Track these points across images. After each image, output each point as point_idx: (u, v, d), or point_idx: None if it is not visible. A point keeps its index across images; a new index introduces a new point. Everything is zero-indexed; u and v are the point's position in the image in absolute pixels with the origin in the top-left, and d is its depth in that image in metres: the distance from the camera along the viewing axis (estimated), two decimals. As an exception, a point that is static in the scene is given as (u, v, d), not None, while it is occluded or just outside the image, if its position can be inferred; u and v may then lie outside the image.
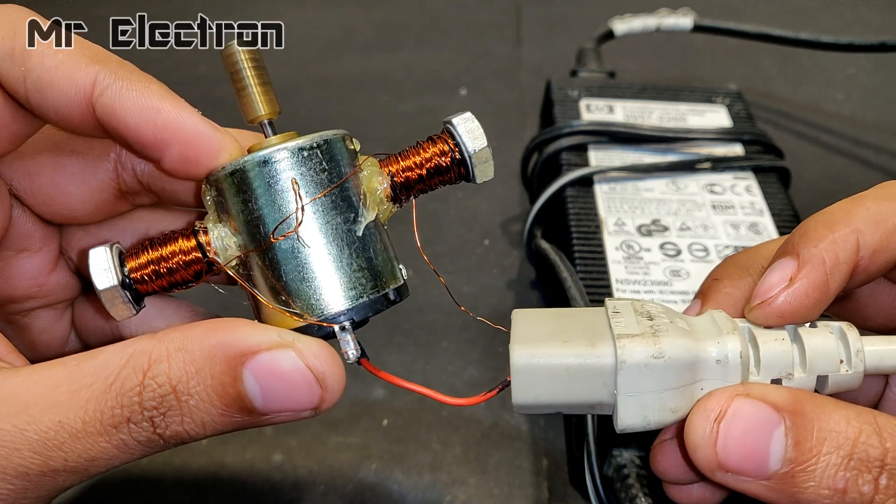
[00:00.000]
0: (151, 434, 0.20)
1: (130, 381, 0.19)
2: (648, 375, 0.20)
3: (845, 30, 0.72)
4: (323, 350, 0.20)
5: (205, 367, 0.20)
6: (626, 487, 0.30)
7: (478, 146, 0.24)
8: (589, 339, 0.21)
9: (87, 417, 0.19)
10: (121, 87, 0.21)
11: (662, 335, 0.21)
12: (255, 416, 0.20)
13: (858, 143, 0.58)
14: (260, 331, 0.20)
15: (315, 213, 0.21)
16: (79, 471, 0.20)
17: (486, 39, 0.71)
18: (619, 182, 0.41)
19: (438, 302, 0.44)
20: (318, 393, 0.20)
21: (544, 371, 0.21)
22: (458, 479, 0.35)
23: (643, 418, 0.21)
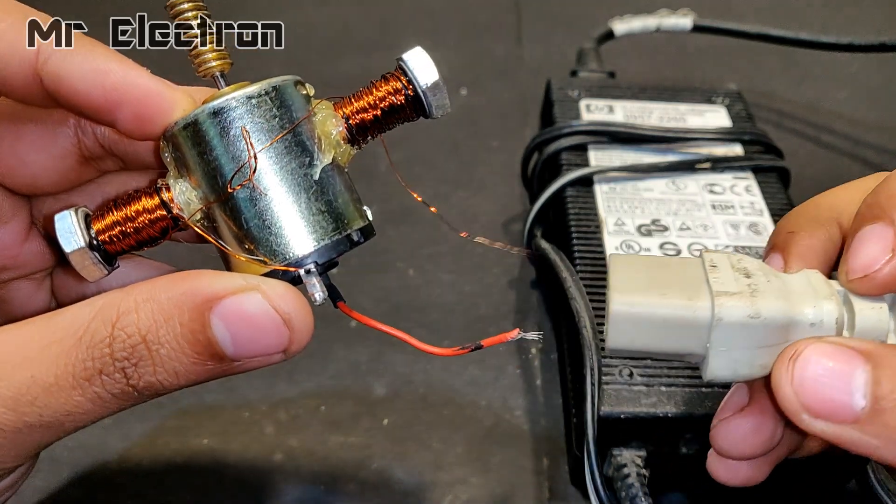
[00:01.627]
0: (125, 386, 0.20)
1: (100, 333, 0.20)
2: (743, 333, 0.21)
3: (845, 30, 0.72)
4: (288, 291, 0.21)
5: (173, 315, 0.20)
6: (626, 487, 0.30)
7: (430, 80, 0.24)
8: (687, 294, 0.22)
9: (59, 371, 0.19)
10: (65, 53, 0.21)
11: (760, 295, 0.21)
12: (226, 362, 0.21)
13: (859, 143, 0.58)
14: (225, 277, 0.20)
15: (269, 160, 0.22)
16: (54, 426, 0.20)
17: (486, 39, 0.71)
18: (619, 182, 0.41)
19: (439, 301, 0.44)
20: (287, 334, 0.21)
21: (640, 320, 0.22)
22: (460, 478, 0.35)
23: (732, 371, 0.22)
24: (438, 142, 0.57)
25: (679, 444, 0.31)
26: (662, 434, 0.31)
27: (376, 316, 0.44)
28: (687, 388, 0.31)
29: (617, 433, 0.31)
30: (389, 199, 0.52)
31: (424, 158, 0.56)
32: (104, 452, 0.35)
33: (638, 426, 0.30)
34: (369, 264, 0.45)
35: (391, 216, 0.50)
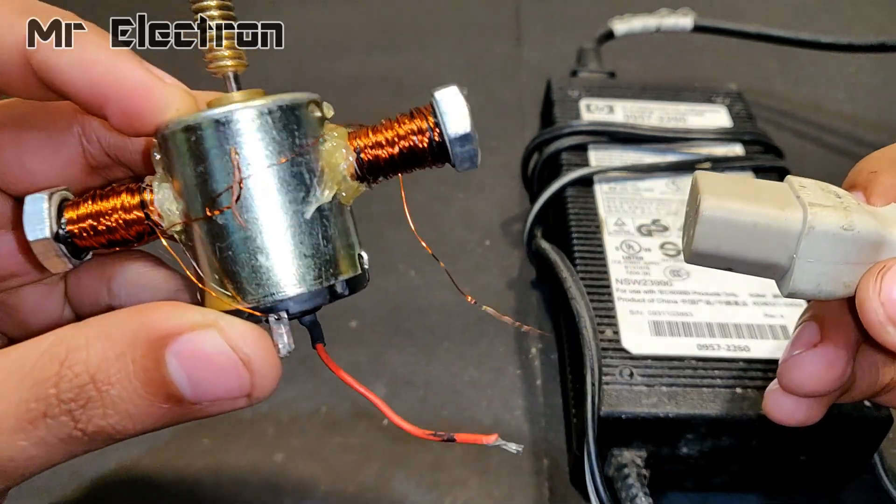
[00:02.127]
0: (73, 430, 0.18)
1: (46, 372, 0.18)
2: (833, 245, 0.21)
3: (845, 30, 0.72)
4: (249, 331, 0.19)
5: (126, 352, 0.18)
6: (626, 487, 0.30)
7: (460, 128, 0.20)
8: (778, 203, 0.21)
9: (1, 413, 0.18)
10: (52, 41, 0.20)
11: (853, 211, 0.21)
12: (185, 405, 0.19)
13: (859, 143, 0.58)
14: (183, 311, 0.19)
15: (257, 189, 0.19)
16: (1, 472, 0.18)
17: (486, 39, 0.71)
18: (619, 182, 0.41)
19: (439, 303, 0.44)
20: (247, 377, 0.19)
21: (731, 224, 0.21)
22: (459, 479, 0.35)
23: (816, 286, 0.21)
24: (438, 142, 0.57)
25: (679, 444, 0.31)
26: (663, 434, 0.31)
27: (377, 316, 0.44)
28: (687, 389, 0.31)
29: (617, 433, 0.31)
30: (389, 200, 0.51)
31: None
32: (103, 453, 0.35)
33: (638, 426, 0.30)
34: (370, 265, 0.45)
35: (391, 217, 0.50)
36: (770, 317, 0.34)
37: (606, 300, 0.34)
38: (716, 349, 0.32)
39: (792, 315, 0.34)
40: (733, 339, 0.33)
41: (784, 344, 0.32)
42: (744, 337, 0.33)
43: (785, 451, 0.31)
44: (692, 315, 0.34)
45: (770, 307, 0.34)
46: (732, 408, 0.30)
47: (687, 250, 0.23)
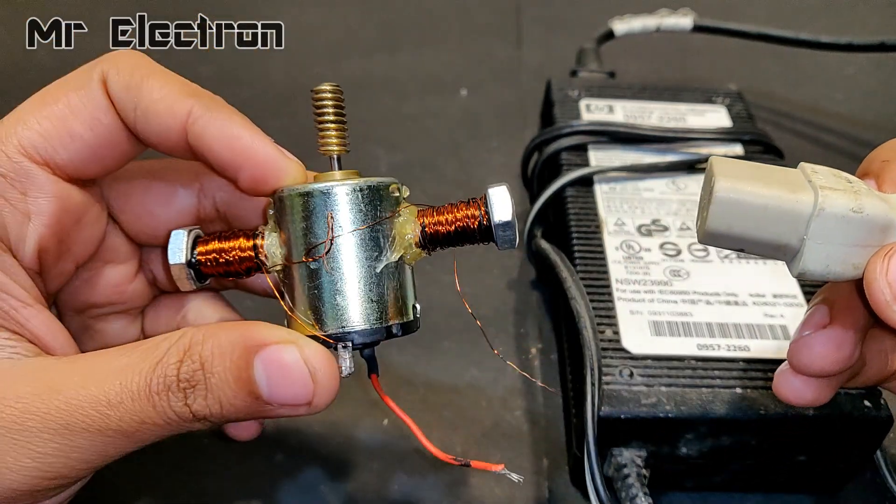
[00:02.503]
0: (183, 405, 0.23)
1: (173, 358, 0.23)
2: (842, 227, 0.22)
3: (845, 30, 0.72)
4: (320, 352, 0.24)
5: (227, 352, 0.23)
6: (626, 487, 0.30)
7: (504, 217, 0.25)
8: (790, 186, 0.22)
9: (142, 382, 0.22)
10: (210, 118, 0.25)
11: (863, 194, 0.22)
12: (261, 402, 0.23)
13: (858, 143, 0.58)
14: (274, 330, 0.24)
15: (344, 246, 0.25)
16: (128, 434, 0.23)
17: (486, 41, 0.71)
18: (619, 182, 0.41)
19: (440, 303, 0.44)
20: (311, 387, 0.23)
21: (743, 206, 0.22)
22: (460, 478, 0.35)
23: (825, 267, 0.22)
24: (439, 143, 0.57)
25: (679, 444, 0.31)
26: (662, 434, 0.31)
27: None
28: (687, 389, 0.31)
29: (617, 433, 0.31)
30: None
31: (425, 159, 0.56)
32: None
33: (638, 426, 0.30)
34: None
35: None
36: (770, 317, 0.34)
37: (606, 300, 0.35)
38: (715, 349, 0.32)
39: (791, 315, 0.34)
40: (733, 339, 0.33)
41: (784, 344, 0.33)
42: (743, 337, 0.33)
43: (784, 450, 0.31)
44: (692, 315, 0.34)
45: (770, 307, 0.34)
46: (732, 408, 0.30)
47: (700, 230, 0.23)
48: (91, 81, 0.25)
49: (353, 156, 0.61)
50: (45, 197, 0.25)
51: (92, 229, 0.28)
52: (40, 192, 0.25)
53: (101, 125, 0.25)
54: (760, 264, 0.37)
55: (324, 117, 0.26)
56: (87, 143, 0.25)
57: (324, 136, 0.27)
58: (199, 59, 0.67)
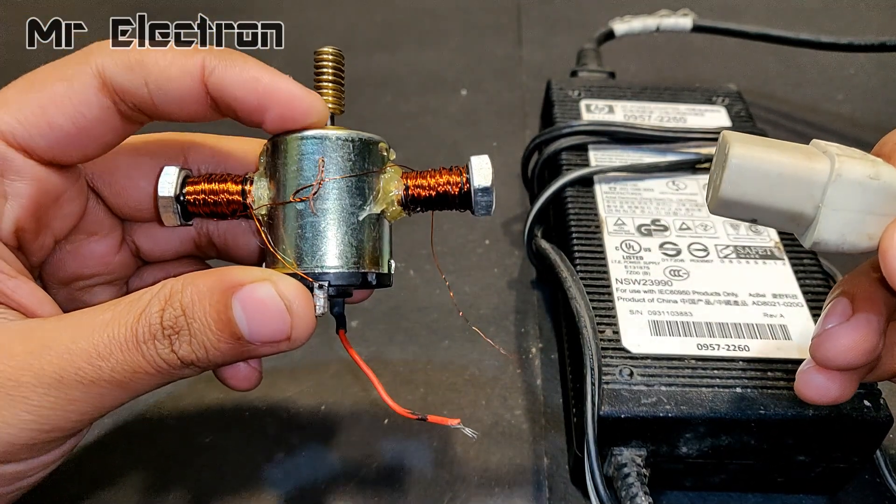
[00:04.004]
0: (170, 352, 0.24)
1: (155, 307, 0.24)
2: (859, 194, 0.21)
3: (845, 30, 0.72)
4: (294, 286, 0.25)
5: (205, 296, 0.24)
6: (626, 486, 0.30)
7: (483, 183, 0.27)
8: (806, 154, 0.22)
9: (128, 332, 0.23)
10: (225, 66, 0.26)
11: (880, 163, 0.22)
12: (243, 343, 0.24)
13: (858, 143, 0.57)
14: (248, 270, 0.25)
15: (330, 191, 0.26)
16: (122, 383, 0.24)
17: (486, 40, 0.71)
18: (618, 182, 0.42)
19: (439, 302, 0.44)
20: (288, 320, 0.24)
21: (758, 171, 0.22)
22: (459, 477, 0.35)
23: (841, 236, 0.22)
24: (439, 142, 0.57)
25: (679, 443, 0.31)
26: (662, 434, 0.31)
27: (378, 316, 0.44)
28: (687, 388, 0.31)
29: (617, 432, 0.31)
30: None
31: (425, 159, 0.56)
32: (106, 450, 0.35)
33: (638, 426, 0.30)
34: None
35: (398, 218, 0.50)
36: (769, 316, 0.34)
37: (606, 300, 0.35)
38: (715, 349, 0.32)
39: (791, 315, 0.34)
40: (733, 339, 0.33)
41: (784, 343, 0.33)
42: (743, 337, 0.33)
43: (784, 450, 0.31)
44: (692, 315, 0.34)
45: (769, 307, 0.34)
46: (731, 407, 0.30)
47: (713, 199, 0.23)
48: (83, 74, 0.25)
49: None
50: (21, 180, 0.25)
51: (71, 206, 0.28)
52: (17, 175, 0.25)
53: (84, 118, 0.25)
54: (760, 264, 0.37)
55: (322, 77, 0.28)
56: (68, 134, 0.25)
57: (321, 94, 0.28)
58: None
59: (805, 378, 0.26)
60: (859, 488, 0.34)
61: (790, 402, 0.30)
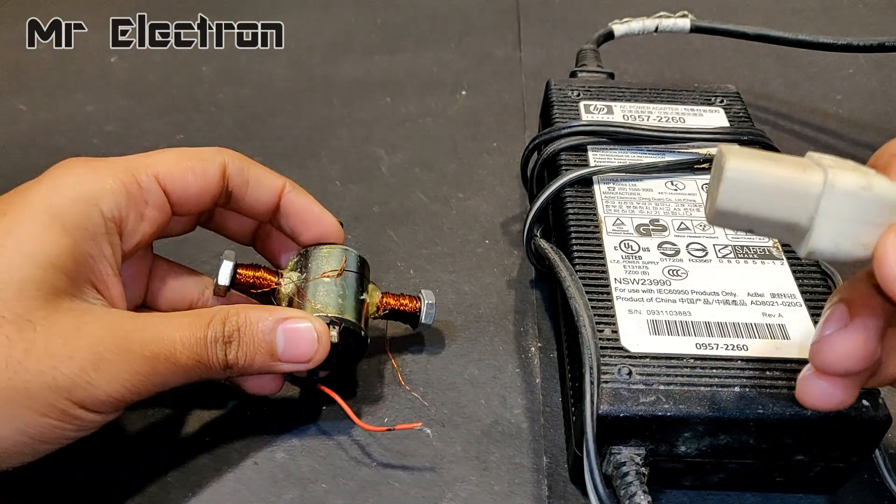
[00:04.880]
0: (223, 354, 0.31)
1: (219, 322, 0.31)
2: (852, 204, 0.22)
3: (844, 30, 0.72)
4: (322, 325, 0.33)
5: (255, 321, 0.32)
6: (625, 485, 0.30)
7: (429, 314, 0.39)
8: (799, 166, 0.23)
9: (201, 334, 0.31)
10: (296, 193, 0.37)
11: (872, 174, 0.22)
12: (275, 359, 0.32)
13: (856, 144, 0.58)
14: (295, 312, 0.33)
15: (347, 278, 0.36)
16: (188, 368, 0.31)
17: (486, 42, 0.71)
18: (617, 182, 0.42)
19: (439, 302, 0.44)
20: (315, 347, 0.33)
21: (753, 184, 0.22)
22: (459, 476, 0.35)
23: (835, 245, 0.23)
24: (438, 143, 0.58)
25: (677, 442, 0.31)
26: (660, 433, 0.31)
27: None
28: (685, 387, 0.31)
29: (615, 431, 0.31)
30: (389, 201, 0.52)
31: (424, 160, 0.56)
32: (104, 451, 0.35)
33: (636, 425, 0.30)
34: (370, 264, 0.45)
35: (391, 217, 0.50)
36: (768, 316, 0.34)
37: (605, 299, 0.35)
38: (714, 348, 0.33)
39: (789, 315, 0.34)
40: (731, 339, 0.33)
41: (782, 343, 0.33)
42: (742, 336, 0.33)
43: (782, 450, 0.31)
44: (690, 314, 0.34)
45: (768, 307, 0.35)
46: (730, 406, 0.30)
47: (710, 210, 0.23)
48: (213, 164, 0.35)
49: (353, 157, 0.61)
50: (156, 211, 0.34)
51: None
52: (155, 206, 0.33)
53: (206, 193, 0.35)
54: (759, 264, 0.37)
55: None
56: (192, 193, 0.34)
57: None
58: (199, 59, 0.67)
59: (805, 384, 0.26)
60: (858, 488, 0.34)
61: (789, 401, 0.30)
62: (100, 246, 0.31)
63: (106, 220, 0.31)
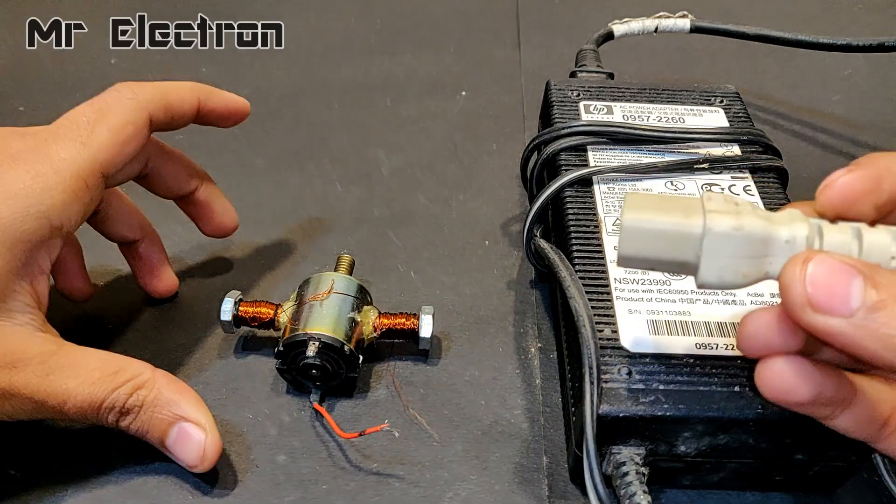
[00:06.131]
0: (115, 420, 0.32)
1: (126, 392, 0.32)
2: (728, 243, 0.26)
3: (842, 31, 0.72)
4: (216, 442, 0.33)
5: (161, 406, 0.33)
6: (625, 485, 0.30)
7: (426, 333, 0.38)
8: (685, 212, 0.26)
9: (99, 398, 0.31)
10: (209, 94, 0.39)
11: (744, 215, 0.26)
12: (164, 447, 0.33)
13: (856, 144, 0.58)
14: (200, 413, 0.33)
15: (337, 298, 0.38)
16: (68, 417, 0.31)
17: (485, 44, 0.71)
18: (617, 182, 0.42)
19: (437, 302, 0.44)
20: (197, 463, 0.33)
21: (646, 232, 0.26)
22: (459, 476, 0.35)
23: (719, 278, 0.26)
24: (438, 145, 0.58)
25: (677, 442, 0.31)
26: (660, 432, 0.31)
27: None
28: (685, 387, 0.31)
29: (615, 431, 0.31)
30: (390, 203, 0.52)
31: (424, 161, 0.56)
32: (105, 451, 0.35)
33: (636, 424, 0.31)
34: (371, 266, 0.45)
35: (392, 220, 0.50)
36: (767, 316, 0.34)
37: (605, 299, 0.35)
38: (713, 348, 0.33)
39: (789, 314, 0.34)
40: (731, 339, 0.33)
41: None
42: (741, 336, 0.33)
43: (782, 449, 0.32)
44: (690, 314, 0.34)
45: (767, 306, 0.35)
46: (729, 406, 0.30)
47: (618, 257, 0.27)
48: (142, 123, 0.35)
49: (353, 158, 0.61)
50: (96, 201, 0.34)
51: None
52: (96, 200, 0.34)
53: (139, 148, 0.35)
54: (758, 264, 0.37)
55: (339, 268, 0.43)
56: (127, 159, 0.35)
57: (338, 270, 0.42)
58: (199, 59, 0.67)
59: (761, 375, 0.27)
60: (857, 487, 0.34)
61: (788, 400, 0.30)
62: (39, 254, 0.32)
63: (53, 229, 0.32)
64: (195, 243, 0.40)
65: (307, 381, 0.37)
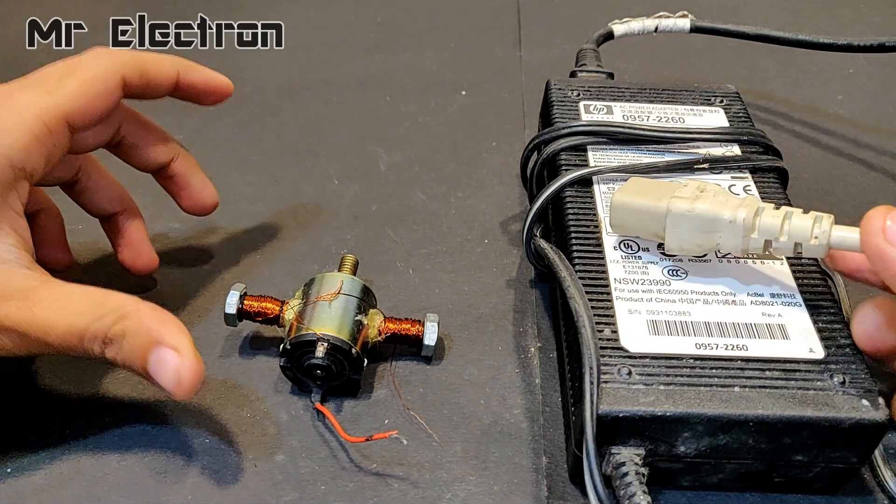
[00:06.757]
0: (100, 349, 0.31)
1: (109, 321, 0.31)
2: (684, 220, 0.34)
3: (844, 31, 0.72)
4: (194, 364, 0.31)
5: (142, 333, 0.31)
6: (624, 485, 0.30)
7: (431, 340, 0.39)
8: (657, 196, 0.35)
9: (82, 328, 0.31)
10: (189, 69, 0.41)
11: (699, 200, 0.34)
12: (147, 376, 0.31)
13: (856, 144, 0.58)
14: (180, 336, 0.32)
15: (343, 299, 0.38)
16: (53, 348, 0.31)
17: (486, 41, 0.71)
18: (617, 182, 0.42)
19: (437, 301, 0.44)
20: (175, 386, 0.31)
21: (626, 210, 0.36)
22: (458, 476, 0.35)
23: (679, 246, 0.35)
24: (438, 142, 0.58)
25: (677, 442, 0.31)
26: (660, 433, 0.31)
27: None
28: (685, 387, 0.31)
29: (615, 432, 0.31)
30: (389, 200, 0.52)
31: (423, 159, 0.56)
32: (104, 450, 0.35)
33: (636, 425, 0.30)
34: (369, 264, 0.45)
35: (390, 217, 0.50)
36: (768, 316, 0.34)
37: (605, 299, 0.35)
38: (713, 348, 0.33)
39: (789, 315, 0.34)
40: (731, 339, 0.33)
41: (782, 343, 0.33)
42: (741, 336, 0.33)
43: (782, 450, 0.31)
44: (690, 314, 0.34)
45: (767, 306, 0.35)
46: (730, 406, 0.30)
47: (609, 224, 0.37)
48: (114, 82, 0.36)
49: (352, 155, 0.61)
50: (60, 150, 0.34)
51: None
52: (60, 147, 0.34)
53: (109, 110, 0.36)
54: (759, 264, 0.37)
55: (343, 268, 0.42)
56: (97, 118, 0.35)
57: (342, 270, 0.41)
58: (199, 59, 0.67)
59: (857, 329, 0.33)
60: (857, 488, 0.34)
61: (788, 401, 0.30)
62: (10, 196, 0.32)
63: (15, 169, 0.32)
64: (188, 235, 0.40)
65: (308, 381, 0.37)
